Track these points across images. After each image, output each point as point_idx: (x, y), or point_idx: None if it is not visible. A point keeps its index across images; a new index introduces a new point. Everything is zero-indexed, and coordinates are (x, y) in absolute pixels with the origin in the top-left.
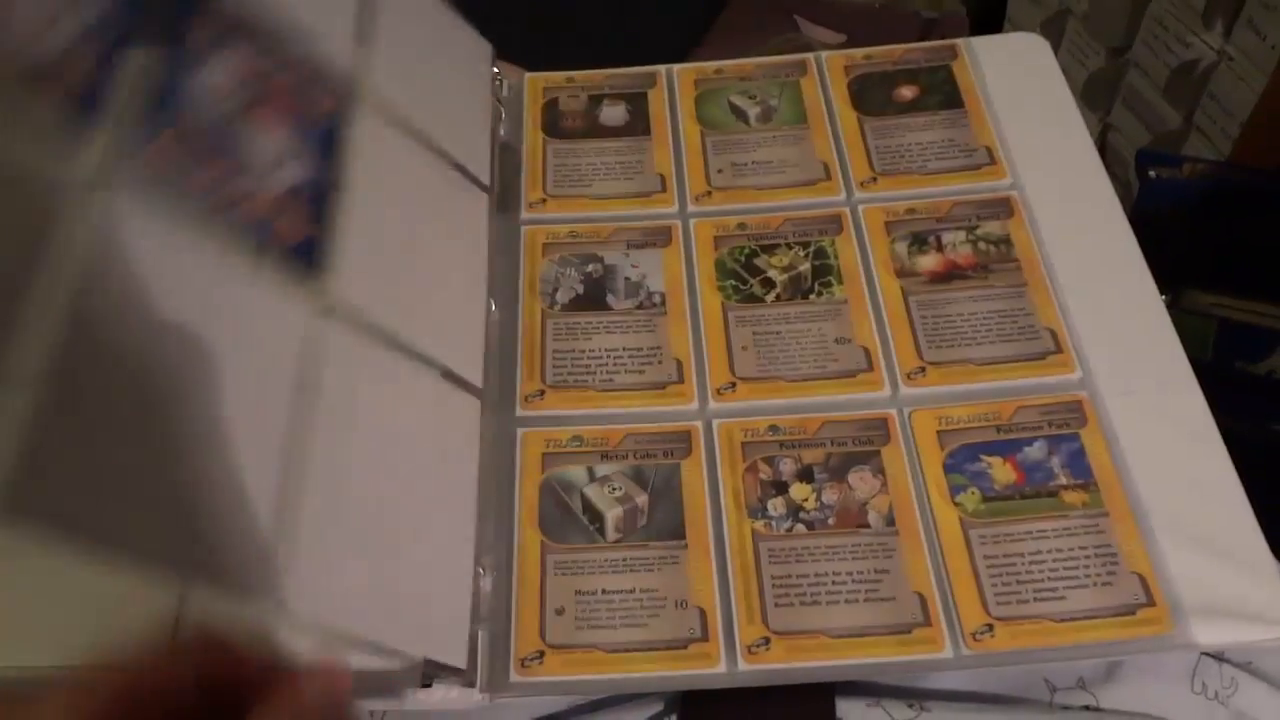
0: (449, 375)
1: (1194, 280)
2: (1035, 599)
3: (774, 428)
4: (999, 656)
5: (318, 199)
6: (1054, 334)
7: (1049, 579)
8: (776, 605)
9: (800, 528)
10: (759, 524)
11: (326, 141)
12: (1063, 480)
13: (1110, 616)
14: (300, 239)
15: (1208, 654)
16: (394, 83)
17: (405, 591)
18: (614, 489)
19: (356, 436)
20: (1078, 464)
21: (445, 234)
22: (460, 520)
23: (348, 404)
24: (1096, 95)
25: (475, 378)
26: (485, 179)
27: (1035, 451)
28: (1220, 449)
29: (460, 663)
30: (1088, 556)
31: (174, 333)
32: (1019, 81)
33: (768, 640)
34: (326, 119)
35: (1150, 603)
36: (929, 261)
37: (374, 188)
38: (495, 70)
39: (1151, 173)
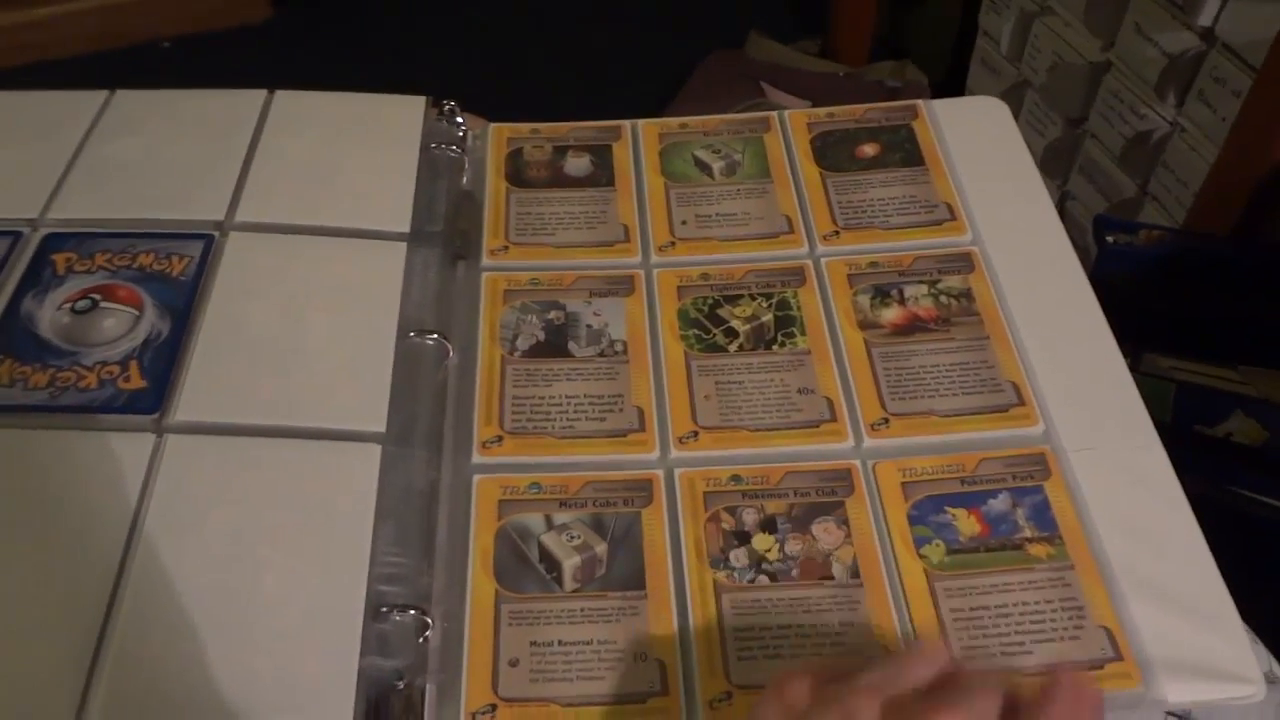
0: (329, 434)
1: (1152, 344)
2: (1002, 653)
3: (736, 477)
4: None
5: (161, 349)
6: (1016, 387)
7: (1015, 632)
8: (740, 659)
9: (763, 579)
10: (721, 575)
11: (190, 290)
12: (1027, 533)
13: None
14: (141, 387)
15: (1173, 714)
16: (266, 201)
17: (263, 663)
18: (572, 537)
19: (196, 530)
20: (1042, 517)
21: (339, 292)
22: (348, 572)
23: (184, 504)
24: (1054, 164)
25: (374, 426)
26: (403, 228)
27: (999, 504)
28: (1184, 505)
29: (344, 705)
30: (1054, 610)
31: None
32: (979, 141)
33: (730, 694)
34: (185, 272)
35: (1118, 657)
36: (891, 314)
37: (238, 297)
38: (460, 121)
39: (1109, 238)
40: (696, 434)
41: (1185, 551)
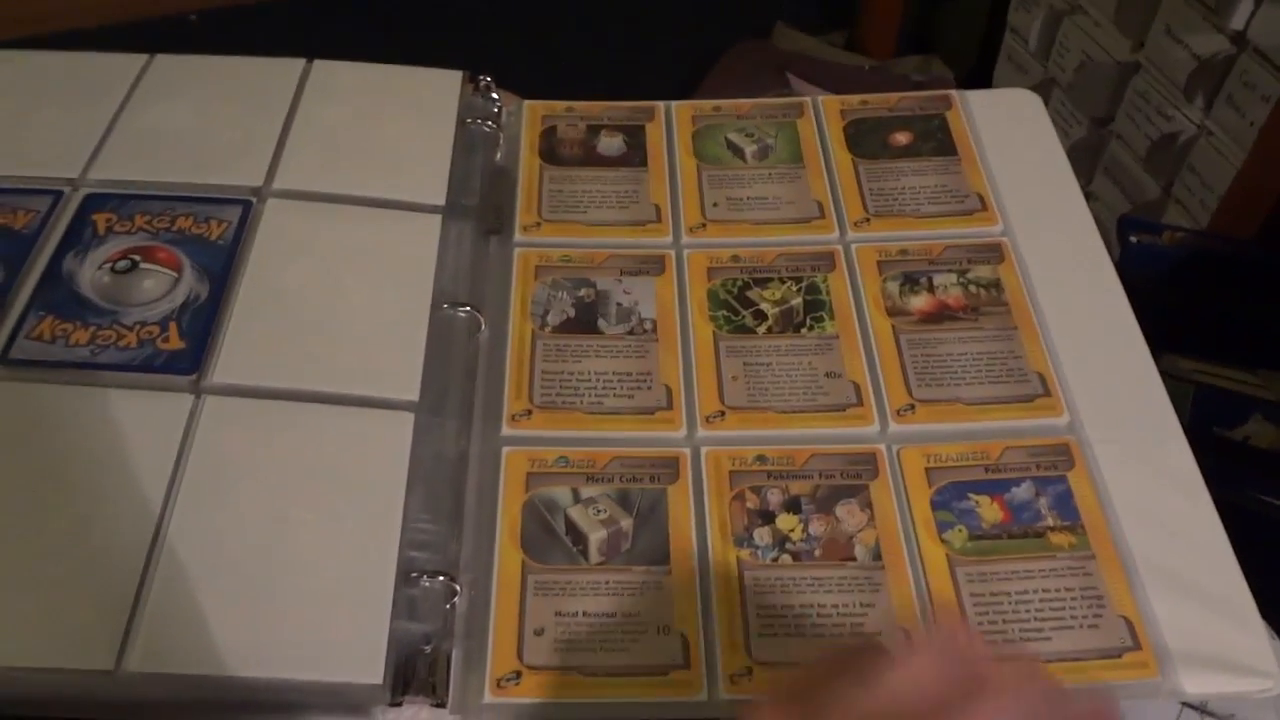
0: (363, 401)
1: (1172, 345)
2: (1021, 638)
3: (762, 458)
4: None
5: (199, 311)
6: (1042, 378)
7: (1035, 619)
8: (760, 635)
9: (786, 558)
10: (744, 553)
11: (228, 254)
12: (1050, 521)
13: (1096, 659)
14: (180, 348)
15: (1190, 705)
16: (304, 169)
17: (295, 621)
18: (599, 511)
19: (232, 491)
20: (1065, 506)
21: (375, 262)
22: (380, 536)
23: (220, 465)
24: (1079, 164)
25: (407, 394)
26: (438, 201)
27: (1023, 492)
28: (1206, 499)
29: (376, 679)
30: (1074, 598)
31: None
32: (1012, 133)
33: (750, 670)
34: (223, 236)
35: (1136, 646)
36: (920, 301)
37: (275, 263)
38: (495, 97)
39: (1133, 238)
40: (723, 414)
41: (1206, 545)
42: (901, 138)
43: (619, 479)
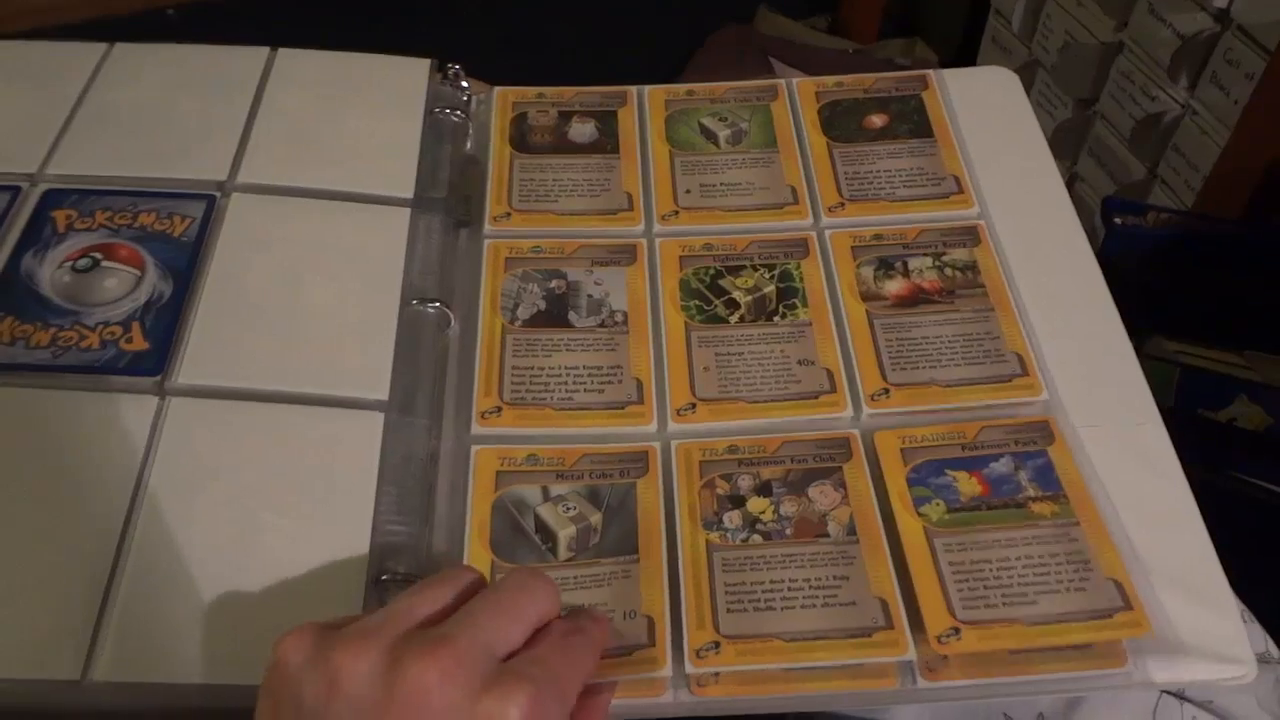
0: (332, 401)
1: (1158, 326)
2: (1004, 603)
3: (733, 447)
4: (958, 690)
5: (163, 311)
6: (1020, 358)
7: (1019, 584)
8: (729, 611)
9: (756, 538)
10: (714, 535)
11: (192, 251)
12: (1030, 492)
13: (1086, 620)
14: (144, 349)
15: (1169, 692)
16: (269, 161)
17: (266, 625)
18: (568, 509)
19: (200, 494)
20: (1046, 477)
21: (342, 258)
22: (351, 538)
23: (187, 468)
24: (1063, 145)
25: (377, 394)
26: (407, 193)
27: (1001, 466)
28: (1183, 484)
29: None
30: (1059, 563)
31: None
32: (989, 113)
33: (717, 645)
34: (186, 233)
35: (1128, 606)
36: (895, 286)
37: (240, 260)
38: (465, 85)
39: (1117, 220)
40: (694, 406)
41: (1181, 530)
42: (877, 120)
43: (589, 475)
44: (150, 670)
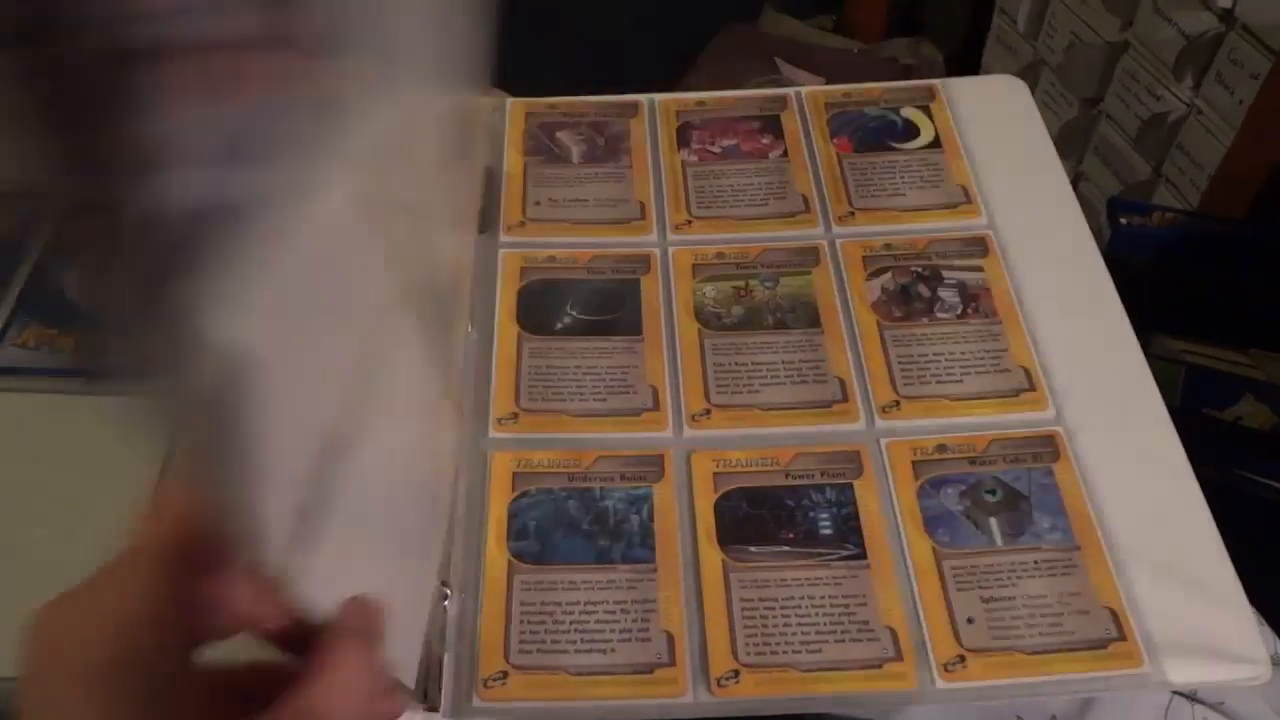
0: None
1: (1163, 326)
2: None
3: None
4: (975, 691)
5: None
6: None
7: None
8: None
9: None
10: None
11: None
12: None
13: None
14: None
15: (1180, 693)
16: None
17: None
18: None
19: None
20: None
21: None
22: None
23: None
24: (1068, 145)
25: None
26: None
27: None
28: (1193, 487)
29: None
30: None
31: None
32: (997, 122)
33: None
34: None
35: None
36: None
37: None
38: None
39: (1123, 220)
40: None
41: (1193, 533)
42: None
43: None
44: None
